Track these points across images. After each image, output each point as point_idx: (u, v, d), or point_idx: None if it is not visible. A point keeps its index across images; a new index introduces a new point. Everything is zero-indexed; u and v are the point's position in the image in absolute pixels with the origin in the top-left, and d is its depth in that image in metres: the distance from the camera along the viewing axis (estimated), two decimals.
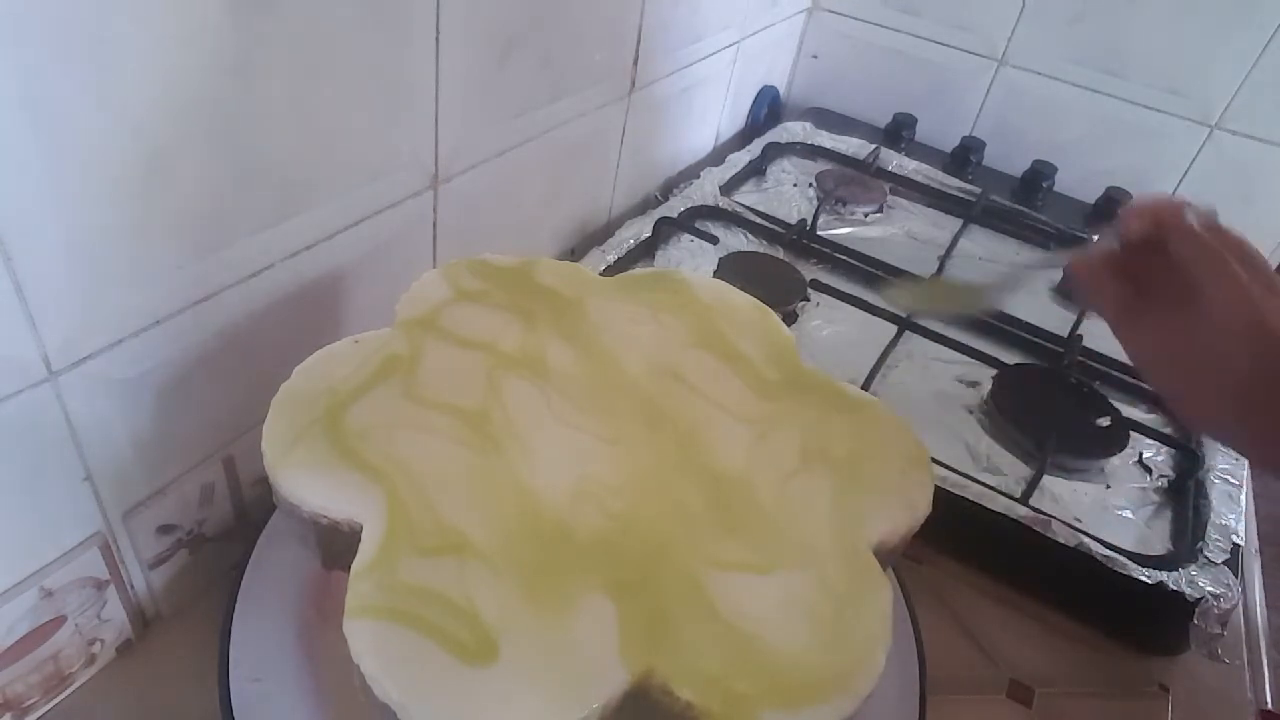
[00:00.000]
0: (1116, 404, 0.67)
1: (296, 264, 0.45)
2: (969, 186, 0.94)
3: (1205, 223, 0.39)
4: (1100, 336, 0.75)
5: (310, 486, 0.35)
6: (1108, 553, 0.52)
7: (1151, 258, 0.40)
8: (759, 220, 0.83)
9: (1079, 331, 0.73)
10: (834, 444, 0.41)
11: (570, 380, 0.42)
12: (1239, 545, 0.56)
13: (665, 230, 0.78)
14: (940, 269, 0.80)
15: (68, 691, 0.43)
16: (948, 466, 0.58)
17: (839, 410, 0.43)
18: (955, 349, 0.71)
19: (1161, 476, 0.64)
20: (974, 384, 0.69)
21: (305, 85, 0.41)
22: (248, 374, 0.45)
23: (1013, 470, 0.62)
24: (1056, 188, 0.96)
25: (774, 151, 0.96)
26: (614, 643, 0.31)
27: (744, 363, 0.45)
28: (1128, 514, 0.60)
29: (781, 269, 0.78)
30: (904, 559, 0.43)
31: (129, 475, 0.41)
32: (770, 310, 0.49)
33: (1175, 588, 0.51)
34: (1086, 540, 0.53)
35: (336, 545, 0.35)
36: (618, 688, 0.30)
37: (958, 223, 0.89)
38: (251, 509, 0.49)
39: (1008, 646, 0.54)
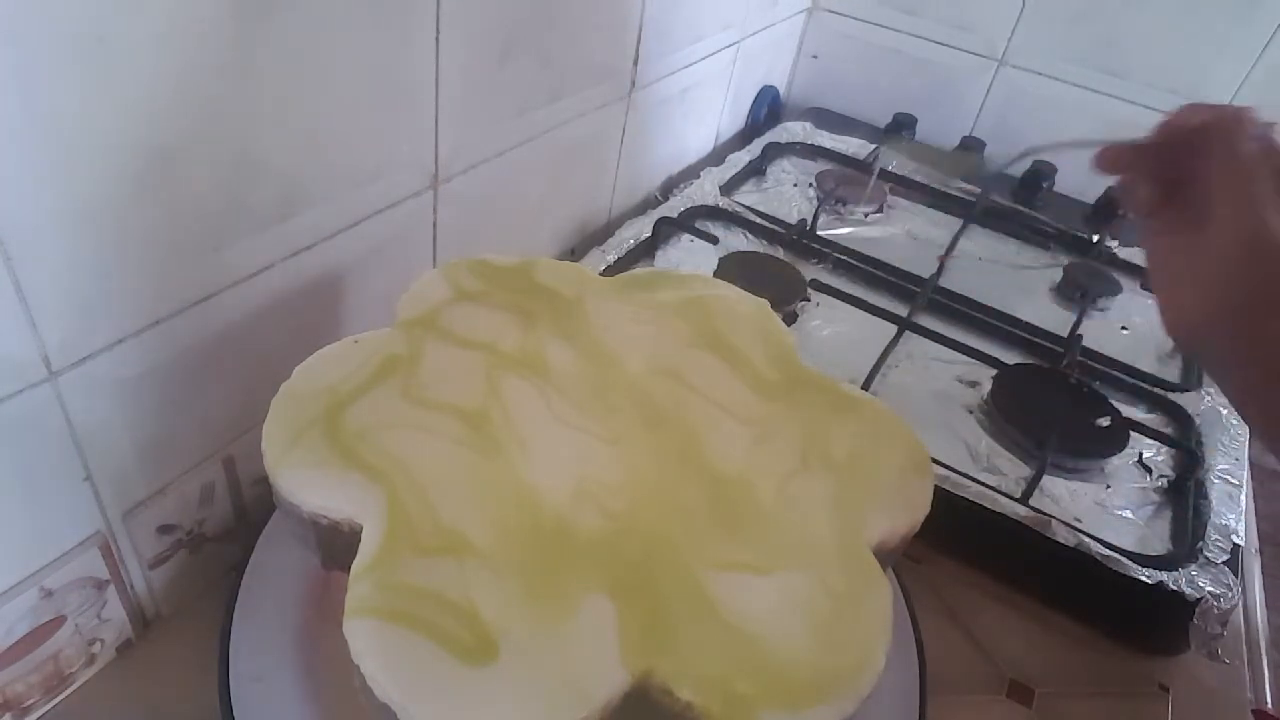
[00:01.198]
0: (1116, 404, 0.67)
1: (296, 264, 0.45)
2: (969, 186, 0.94)
3: (1258, 135, 0.36)
4: (1100, 336, 0.75)
5: (310, 486, 0.35)
6: (1108, 553, 0.52)
7: (1186, 162, 0.37)
8: (759, 220, 0.83)
9: (1079, 331, 0.73)
10: (834, 444, 0.41)
11: (570, 380, 0.42)
12: (1239, 545, 0.56)
13: (665, 230, 0.78)
14: (940, 269, 0.80)
15: (68, 691, 0.43)
16: (948, 466, 0.58)
17: (839, 410, 0.43)
18: (955, 349, 0.71)
19: (1161, 476, 0.64)
20: (974, 384, 0.69)
21: (305, 85, 0.41)
22: (248, 374, 0.45)
23: (1013, 470, 0.62)
24: (1056, 188, 0.96)
25: (774, 151, 0.96)
26: (614, 643, 0.31)
27: (744, 363, 0.45)
28: (1128, 514, 0.60)
29: (781, 269, 0.78)
30: (904, 559, 0.43)
31: (129, 475, 0.41)
32: (770, 310, 0.49)
33: (1175, 588, 0.51)
34: (1086, 540, 0.53)
35: (336, 545, 0.35)
36: (618, 688, 0.30)
37: (958, 223, 0.89)
38: (251, 509, 0.49)
39: (1008, 646, 0.54)
